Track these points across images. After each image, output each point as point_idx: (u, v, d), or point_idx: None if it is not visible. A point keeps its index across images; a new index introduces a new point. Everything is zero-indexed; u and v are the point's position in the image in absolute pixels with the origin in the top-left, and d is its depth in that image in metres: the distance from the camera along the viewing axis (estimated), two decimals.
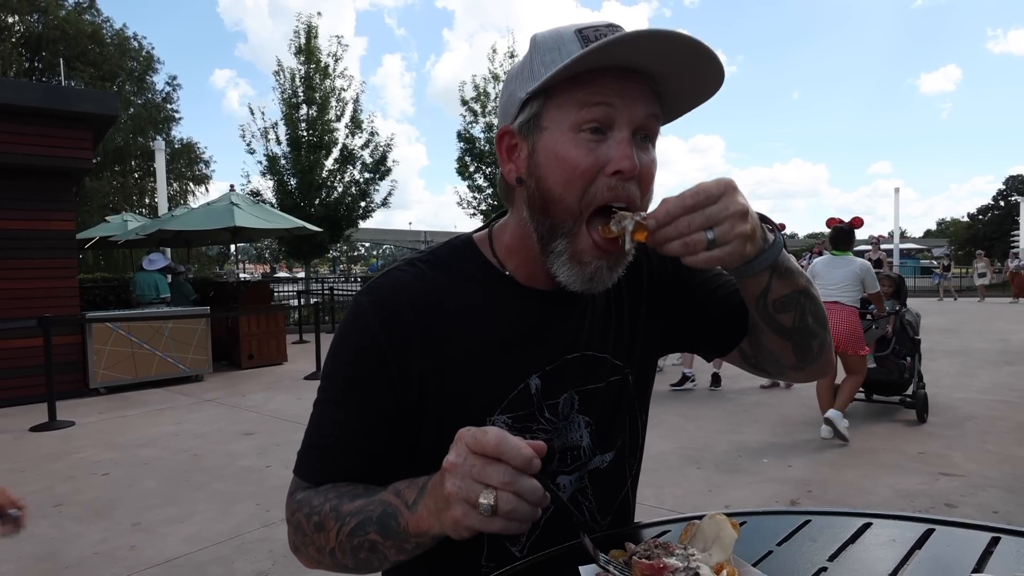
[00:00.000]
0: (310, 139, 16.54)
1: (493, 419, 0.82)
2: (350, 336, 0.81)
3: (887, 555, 0.77)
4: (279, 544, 3.12)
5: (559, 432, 0.86)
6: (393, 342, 0.78)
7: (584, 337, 0.87)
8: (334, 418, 0.80)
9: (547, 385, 0.84)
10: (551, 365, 0.84)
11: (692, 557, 0.64)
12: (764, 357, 0.91)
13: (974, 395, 6.20)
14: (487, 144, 18.22)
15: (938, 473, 4.03)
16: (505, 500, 0.57)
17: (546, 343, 0.84)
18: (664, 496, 3.70)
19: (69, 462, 4.65)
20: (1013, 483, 3.83)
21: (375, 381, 0.78)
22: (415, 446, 0.82)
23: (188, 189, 25.80)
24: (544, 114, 0.74)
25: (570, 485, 0.88)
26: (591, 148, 0.71)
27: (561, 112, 0.73)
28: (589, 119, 0.71)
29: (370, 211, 17.89)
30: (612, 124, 0.71)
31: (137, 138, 22.81)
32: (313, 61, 16.49)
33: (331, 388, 0.81)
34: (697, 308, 0.94)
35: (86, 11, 23.67)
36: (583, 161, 0.71)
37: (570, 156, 0.72)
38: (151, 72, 25.31)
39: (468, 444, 0.60)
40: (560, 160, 0.72)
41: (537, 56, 0.75)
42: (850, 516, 0.88)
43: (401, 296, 0.80)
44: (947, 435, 4.86)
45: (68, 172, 7.18)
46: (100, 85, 21.05)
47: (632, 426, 0.95)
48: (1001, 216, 48.25)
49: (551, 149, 0.73)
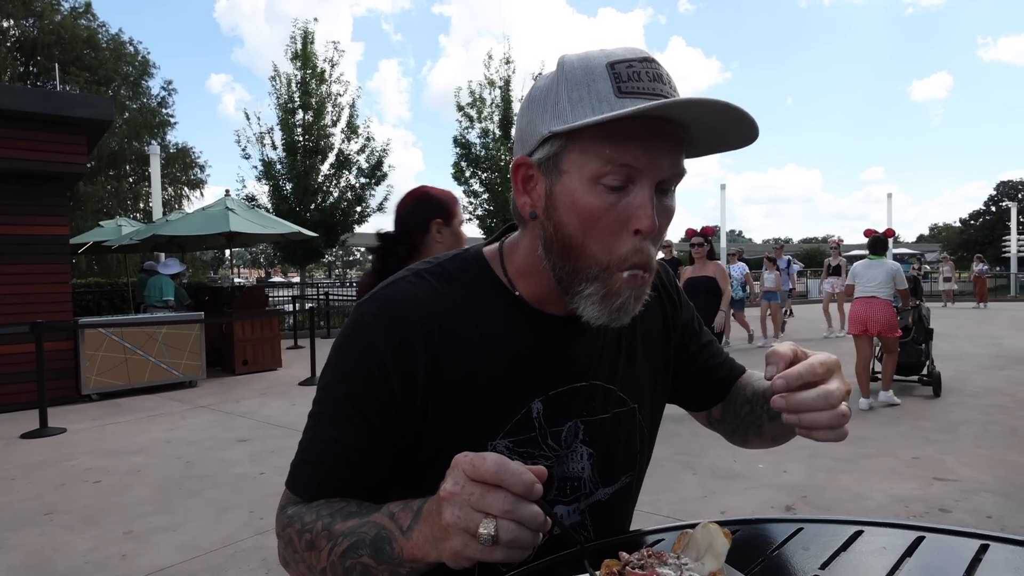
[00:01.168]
0: (306, 144, 16.59)
1: (495, 444, 0.80)
2: (352, 351, 0.77)
3: (878, 563, 0.77)
4: (273, 552, 3.10)
5: (560, 460, 0.84)
6: (399, 366, 0.75)
7: (593, 367, 0.85)
8: (331, 435, 0.77)
9: (550, 410, 0.82)
10: (555, 391, 0.82)
11: (685, 567, 0.64)
12: (733, 433, 1.02)
13: (967, 400, 6.23)
14: (482, 149, 18.27)
15: (932, 478, 4.04)
16: (506, 529, 0.56)
17: (552, 368, 0.82)
18: (659, 502, 3.70)
19: (60, 469, 4.62)
20: (1007, 488, 3.85)
21: (377, 403, 0.75)
22: (414, 468, 0.80)
23: (183, 194, 25.77)
24: (565, 156, 0.70)
25: (568, 516, 0.86)
26: (611, 203, 0.69)
27: (584, 158, 0.69)
28: (612, 176, 0.68)
29: (366, 216, 17.92)
30: (635, 179, 0.69)
31: (132, 143, 22.78)
32: (309, 66, 16.56)
33: (329, 402, 0.78)
34: (690, 367, 1.01)
35: (82, 16, 23.69)
36: (605, 216, 0.69)
37: (591, 208, 0.69)
38: (146, 77, 25.33)
39: (466, 471, 0.57)
40: (580, 210, 0.70)
41: (564, 88, 0.70)
42: (842, 524, 0.88)
43: (411, 314, 0.76)
44: (941, 440, 4.88)
45: (62, 177, 7.16)
46: (95, 90, 21.03)
47: (639, 463, 0.93)
48: (993, 221, 48.56)
49: (571, 195, 0.70)
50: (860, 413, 5.83)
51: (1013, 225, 29.65)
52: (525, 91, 6.87)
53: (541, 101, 0.73)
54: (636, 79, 0.67)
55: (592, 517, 0.88)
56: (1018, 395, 6.44)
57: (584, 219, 0.70)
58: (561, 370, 0.83)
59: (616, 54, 0.69)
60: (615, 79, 0.67)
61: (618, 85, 0.67)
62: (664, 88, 0.68)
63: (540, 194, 0.74)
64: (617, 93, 0.67)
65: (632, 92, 0.67)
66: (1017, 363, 8.39)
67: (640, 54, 0.70)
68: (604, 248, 0.70)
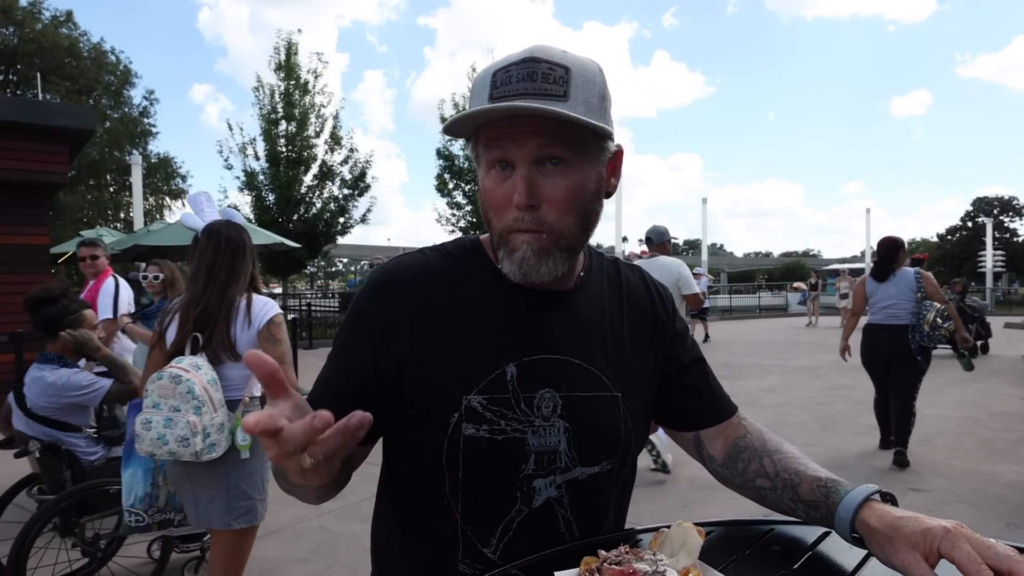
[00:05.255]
0: (289, 155, 16.54)
1: (469, 398, 0.86)
2: (352, 309, 0.93)
3: (846, 559, 0.82)
4: (254, 558, 3.09)
5: (536, 431, 0.88)
6: (383, 316, 0.88)
7: (568, 342, 0.92)
8: (323, 375, 0.91)
9: (523, 376, 0.88)
10: (528, 358, 0.89)
11: (660, 562, 0.68)
12: (743, 492, 1.02)
13: (942, 411, 6.36)
14: (466, 161, 18.33)
15: (907, 488, 4.13)
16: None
17: (527, 336, 0.90)
18: (640, 512, 3.74)
19: None
20: (979, 498, 3.94)
21: (361, 349, 0.88)
22: (397, 422, 0.90)
23: (164, 204, 25.56)
24: (478, 149, 0.86)
25: (544, 489, 0.89)
26: (500, 183, 0.84)
27: (483, 150, 0.84)
28: (494, 159, 0.83)
29: (349, 227, 17.88)
30: (512, 163, 0.82)
31: (113, 152, 22.59)
32: (293, 77, 16.52)
33: (332, 349, 0.93)
34: (674, 382, 1.01)
35: (63, 24, 23.49)
36: (494, 194, 0.84)
37: (487, 189, 0.85)
38: (128, 86, 25.15)
39: None
40: (483, 192, 0.86)
41: (470, 95, 0.86)
42: (811, 526, 0.92)
43: (401, 273, 0.91)
44: (916, 450, 4.97)
45: (43, 186, 7.09)
46: (76, 99, 20.85)
47: (622, 452, 0.95)
48: (969, 237, 49.55)
49: (481, 182, 0.87)
50: (842, 425, 5.92)
51: (989, 240, 30.32)
52: None
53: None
54: (507, 83, 0.79)
55: (569, 494, 0.91)
56: (991, 407, 6.59)
57: (486, 198, 0.86)
58: (535, 340, 0.90)
59: (509, 59, 0.81)
60: (492, 86, 0.80)
61: (491, 91, 0.80)
62: (533, 86, 0.78)
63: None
64: (489, 99, 0.80)
65: (501, 96, 0.78)
66: (991, 376, 8.58)
67: (525, 55, 0.80)
68: (499, 218, 0.85)
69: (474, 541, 0.89)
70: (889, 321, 4.72)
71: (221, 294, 2.07)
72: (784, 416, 6.33)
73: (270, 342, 2.08)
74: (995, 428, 5.71)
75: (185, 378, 1.92)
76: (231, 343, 2.06)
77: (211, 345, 2.05)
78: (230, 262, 2.11)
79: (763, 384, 8.24)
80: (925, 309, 4.58)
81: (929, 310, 4.57)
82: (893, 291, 4.74)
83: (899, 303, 4.69)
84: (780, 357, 11.01)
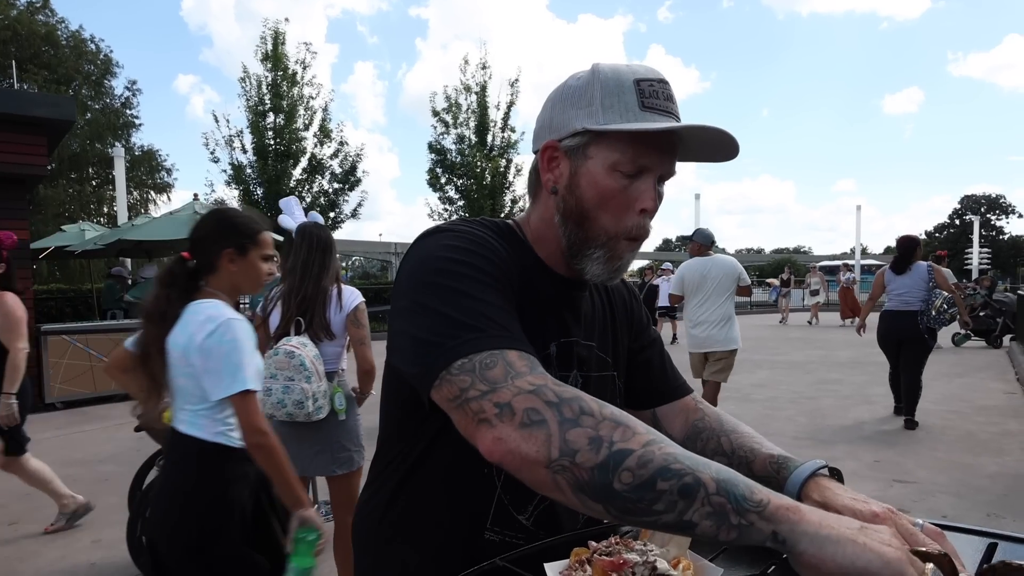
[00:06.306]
0: (277, 148, 16.28)
1: None
2: (460, 240, 0.83)
3: None
4: None
5: None
6: (504, 262, 0.84)
7: (585, 326, 0.98)
8: (483, 311, 0.76)
9: (560, 356, 0.93)
10: (564, 339, 0.94)
11: (650, 552, 0.69)
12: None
13: (927, 405, 6.42)
14: (458, 156, 18.24)
15: (892, 480, 4.18)
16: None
17: (564, 319, 0.95)
18: None
19: None
20: (961, 489, 4.01)
21: (501, 280, 0.82)
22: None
23: (149, 198, 25.30)
24: (592, 146, 0.84)
25: None
26: (624, 186, 0.84)
27: (607, 151, 0.83)
28: (628, 166, 0.83)
29: (339, 222, 17.68)
30: (644, 172, 0.84)
31: (95, 144, 22.27)
32: (280, 68, 16.23)
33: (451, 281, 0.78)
34: (635, 360, 1.08)
35: (39, 11, 23.02)
36: (619, 196, 0.84)
37: (609, 189, 0.84)
38: (109, 76, 24.78)
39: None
40: (600, 189, 0.84)
41: (599, 93, 0.84)
42: None
43: (478, 237, 0.86)
44: (901, 443, 5.05)
45: (22, 179, 7.00)
46: (55, 89, 20.52)
47: None
48: (956, 234, 50.11)
49: (592, 177, 0.85)
50: (829, 419, 5.98)
51: (975, 238, 30.68)
52: (503, 97, 6.75)
53: (576, 99, 0.86)
54: (655, 96, 0.83)
55: None
56: (975, 401, 6.68)
57: (602, 196, 0.85)
58: (569, 322, 0.95)
59: (640, 72, 0.84)
60: (640, 94, 0.83)
61: (642, 100, 0.83)
62: (673, 107, 0.84)
63: (563, 173, 0.88)
64: (641, 107, 0.82)
65: (652, 108, 0.82)
66: (975, 371, 8.69)
67: (658, 75, 0.85)
68: (614, 221, 0.86)
69: (510, 509, 0.91)
70: (902, 307, 5.57)
71: (316, 284, 2.44)
72: (774, 410, 6.40)
73: (356, 324, 2.52)
74: (978, 421, 5.79)
75: (297, 353, 2.32)
76: (327, 325, 2.45)
77: (312, 327, 2.42)
78: (321, 257, 2.49)
79: (753, 379, 8.32)
80: (935, 297, 5.48)
81: (937, 297, 5.48)
82: (908, 282, 5.57)
83: (912, 292, 5.53)
84: (770, 352, 11.07)
